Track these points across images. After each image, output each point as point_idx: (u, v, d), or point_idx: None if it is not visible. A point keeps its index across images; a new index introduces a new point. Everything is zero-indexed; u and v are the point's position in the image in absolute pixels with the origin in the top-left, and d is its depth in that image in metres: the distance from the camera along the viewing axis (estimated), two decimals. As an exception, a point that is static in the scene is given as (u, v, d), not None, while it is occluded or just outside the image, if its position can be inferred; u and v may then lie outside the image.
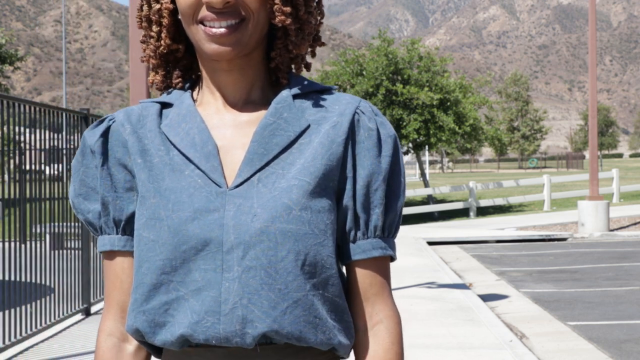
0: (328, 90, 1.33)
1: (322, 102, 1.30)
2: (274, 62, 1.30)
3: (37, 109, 6.91)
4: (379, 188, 1.27)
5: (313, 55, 1.36)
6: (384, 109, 23.64)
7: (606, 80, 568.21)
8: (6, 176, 6.75)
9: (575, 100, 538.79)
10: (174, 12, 1.30)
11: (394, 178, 1.29)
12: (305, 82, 1.33)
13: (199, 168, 1.25)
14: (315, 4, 1.32)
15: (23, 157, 7.15)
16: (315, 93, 1.32)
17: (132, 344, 1.33)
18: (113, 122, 1.33)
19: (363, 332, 1.29)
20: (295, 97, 1.30)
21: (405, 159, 32.54)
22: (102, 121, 1.34)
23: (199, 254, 1.20)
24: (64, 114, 7.69)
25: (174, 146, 1.28)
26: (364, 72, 24.24)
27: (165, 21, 1.29)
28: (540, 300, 9.25)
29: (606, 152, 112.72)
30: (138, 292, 1.25)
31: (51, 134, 7.28)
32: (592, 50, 18.09)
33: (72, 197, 1.33)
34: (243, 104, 1.30)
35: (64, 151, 7.96)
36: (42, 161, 7.34)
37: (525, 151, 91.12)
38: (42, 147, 7.33)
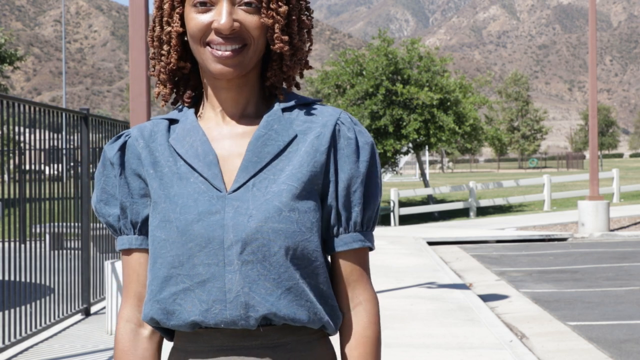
0: (314, 103, 1.53)
1: (307, 114, 1.50)
2: (270, 80, 1.50)
3: (37, 108, 6.91)
4: (357, 189, 1.48)
5: (301, 76, 1.55)
6: (384, 109, 23.64)
7: (606, 80, 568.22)
8: (6, 176, 6.75)
9: (576, 100, 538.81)
10: (182, 34, 1.48)
11: (371, 180, 1.49)
12: (295, 97, 1.53)
13: (202, 175, 1.44)
14: (305, 32, 1.50)
15: (23, 157, 7.14)
16: (302, 106, 1.52)
17: (147, 329, 1.51)
18: (129, 137, 1.53)
19: (346, 313, 1.50)
20: (284, 110, 1.50)
21: (405, 159, 32.48)
22: (119, 137, 1.54)
23: (202, 251, 1.39)
24: (63, 114, 7.68)
25: (181, 157, 1.47)
26: (364, 72, 24.23)
27: (174, 42, 1.48)
28: (540, 300, 9.25)
29: (606, 152, 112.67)
30: (153, 284, 1.44)
31: (51, 134, 7.28)
32: (592, 50, 18.09)
33: (94, 203, 1.53)
34: (239, 117, 1.50)
35: (64, 151, 7.96)
36: (42, 161, 7.33)
37: (525, 151, 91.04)
38: (42, 147, 7.33)
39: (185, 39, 1.49)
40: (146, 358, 1.50)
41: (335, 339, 1.56)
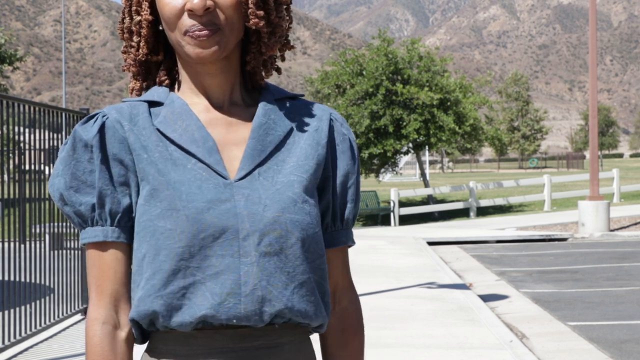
0: (296, 97, 1.49)
1: (298, 107, 1.47)
2: (250, 65, 1.43)
3: (37, 108, 6.90)
4: (352, 186, 1.46)
5: (282, 59, 1.49)
6: (384, 108, 23.64)
7: (606, 80, 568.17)
8: (6, 176, 6.74)
9: (576, 100, 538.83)
10: (153, 23, 1.42)
11: (358, 177, 1.49)
12: (279, 89, 1.48)
13: (202, 162, 1.36)
14: (284, 9, 1.44)
15: (22, 157, 7.14)
16: (289, 99, 1.48)
17: (124, 331, 1.38)
18: (107, 118, 1.40)
19: (331, 312, 1.47)
20: (275, 101, 1.46)
21: (405, 159, 32.49)
22: (92, 117, 1.41)
23: (216, 241, 1.31)
24: (63, 114, 7.68)
25: (172, 142, 1.37)
26: (364, 72, 24.22)
27: (144, 31, 1.41)
28: (540, 301, 9.25)
29: (606, 152, 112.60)
30: (156, 278, 1.33)
31: (51, 133, 7.28)
32: (592, 50, 18.08)
33: (61, 189, 1.37)
34: (228, 105, 1.43)
35: (64, 151, 7.95)
36: (42, 161, 7.33)
37: (526, 151, 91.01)
38: (42, 147, 7.32)
39: (160, 28, 1.43)
40: None
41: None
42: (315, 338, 1.52)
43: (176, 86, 1.46)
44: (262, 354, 1.36)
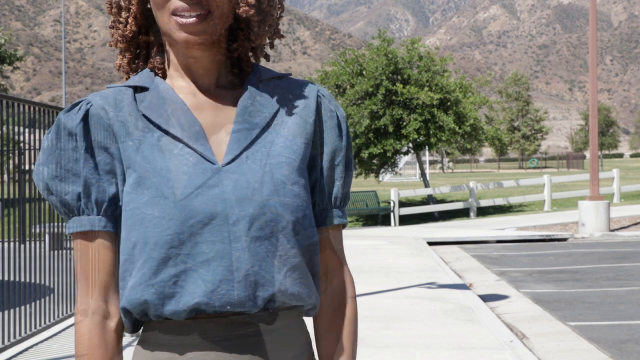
0: (283, 77, 1.46)
1: (285, 87, 1.44)
2: (237, 51, 1.41)
3: (37, 108, 6.90)
4: (340, 163, 1.43)
5: (271, 46, 1.46)
6: (384, 108, 23.64)
7: (607, 80, 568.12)
8: (6, 176, 6.74)
9: (576, 100, 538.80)
10: (143, 1, 1.40)
11: (348, 154, 1.46)
12: (266, 70, 1.45)
13: (189, 147, 1.34)
14: None
15: (22, 157, 7.14)
16: (277, 79, 1.45)
17: (113, 321, 1.37)
18: (91, 105, 1.37)
19: (322, 294, 1.45)
20: (261, 82, 1.43)
21: (405, 159, 32.49)
22: (76, 105, 1.39)
23: (205, 228, 1.29)
24: (63, 114, 7.67)
25: (158, 127, 1.35)
26: (364, 72, 24.22)
27: (134, 8, 1.39)
28: (540, 301, 9.24)
29: (607, 152, 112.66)
30: (146, 267, 1.30)
31: (51, 133, 7.27)
32: (592, 50, 18.08)
33: (46, 179, 1.36)
34: (215, 88, 1.40)
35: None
36: (42, 161, 7.32)
37: (526, 151, 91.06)
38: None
39: (148, 6, 1.40)
40: (115, 353, 1.37)
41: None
42: (309, 321, 1.51)
43: (167, 67, 1.43)
44: (257, 340, 1.34)
